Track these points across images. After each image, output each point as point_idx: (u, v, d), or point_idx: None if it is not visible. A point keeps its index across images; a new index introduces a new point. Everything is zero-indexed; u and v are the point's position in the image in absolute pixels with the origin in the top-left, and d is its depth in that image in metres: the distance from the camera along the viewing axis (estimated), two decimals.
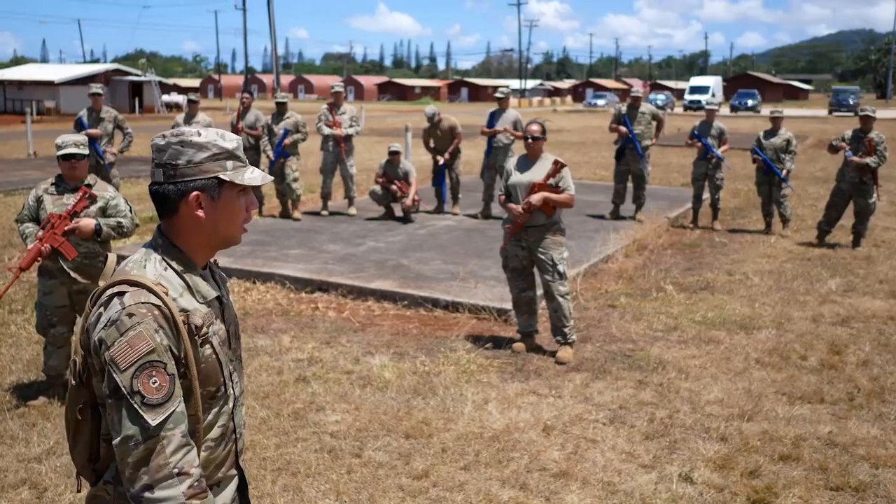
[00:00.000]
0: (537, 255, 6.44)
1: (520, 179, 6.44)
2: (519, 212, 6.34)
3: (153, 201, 2.00)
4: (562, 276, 6.42)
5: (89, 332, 1.91)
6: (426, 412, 5.31)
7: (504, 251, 6.63)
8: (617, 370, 6.20)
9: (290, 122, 11.82)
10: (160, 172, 1.98)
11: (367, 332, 7.09)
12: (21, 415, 5.17)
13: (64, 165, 5.23)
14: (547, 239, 6.40)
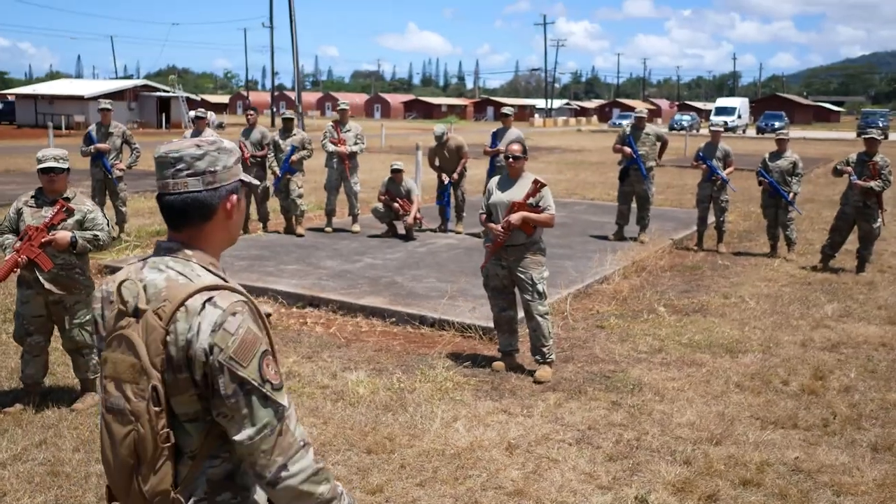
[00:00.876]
0: (517, 274, 6.47)
1: (500, 198, 6.48)
2: (498, 231, 6.37)
3: (178, 211, 1.99)
4: (541, 296, 6.44)
5: (188, 345, 1.88)
6: (393, 428, 5.35)
7: (485, 270, 6.67)
8: (593, 391, 6.20)
9: (296, 138, 11.96)
10: (198, 180, 2.00)
11: (351, 347, 7.14)
12: None
13: (43, 179, 5.35)
14: (527, 258, 6.42)
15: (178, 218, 2.02)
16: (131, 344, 1.91)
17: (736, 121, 63.46)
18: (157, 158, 2.01)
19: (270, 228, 12.46)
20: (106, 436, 1.96)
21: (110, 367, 1.96)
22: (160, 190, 2.02)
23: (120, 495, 2.00)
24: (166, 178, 2.00)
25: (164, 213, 2.03)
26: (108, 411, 1.96)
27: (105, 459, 2.00)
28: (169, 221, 2.04)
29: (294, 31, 32.78)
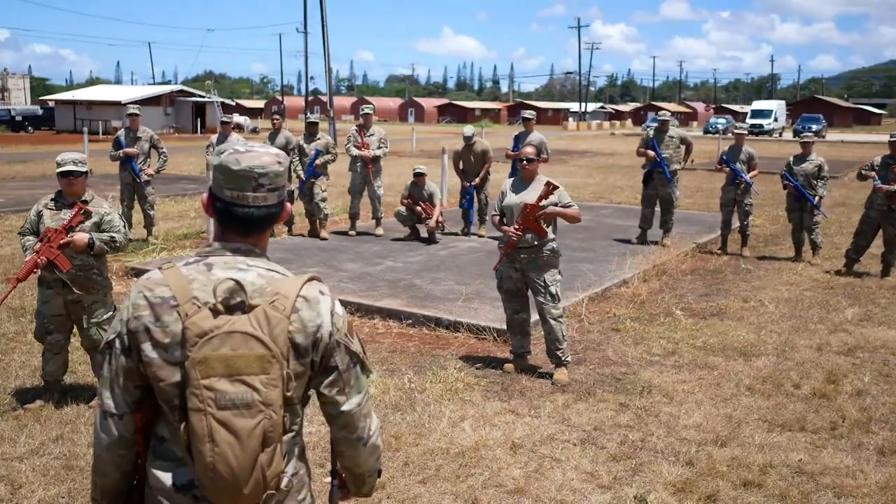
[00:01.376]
0: (530, 276, 6.53)
1: (513, 200, 6.55)
2: (511, 233, 6.44)
3: (255, 221, 2.09)
4: (554, 298, 6.49)
5: (315, 332, 2.06)
6: (400, 427, 5.44)
7: (498, 272, 6.74)
8: (602, 392, 6.25)
9: (321, 143, 12.12)
10: (275, 195, 2.12)
11: (366, 348, 7.23)
12: (16, 417, 5.45)
13: (63, 182, 5.52)
14: (540, 261, 6.48)
15: (251, 226, 2.11)
16: (253, 337, 1.96)
17: (772, 124, 62.84)
18: (237, 171, 2.06)
19: (295, 232, 12.63)
20: (224, 435, 1.93)
21: (218, 363, 1.95)
22: (237, 201, 2.07)
23: (235, 496, 1.97)
24: (247, 191, 2.07)
25: (239, 222, 2.09)
26: (222, 408, 1.93)
27: (209, 466, 1.94)
28: (240, 228, 2.11)
29: (326, 35, 33.11)
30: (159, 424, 2.07)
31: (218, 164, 2.10)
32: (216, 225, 2.15)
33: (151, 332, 2.01)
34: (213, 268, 2.06)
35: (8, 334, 7.36)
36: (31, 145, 39.30)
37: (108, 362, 2.09)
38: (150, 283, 2.06)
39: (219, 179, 2.10)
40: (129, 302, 2.08)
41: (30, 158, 29.16)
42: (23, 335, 7.32)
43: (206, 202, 2.16)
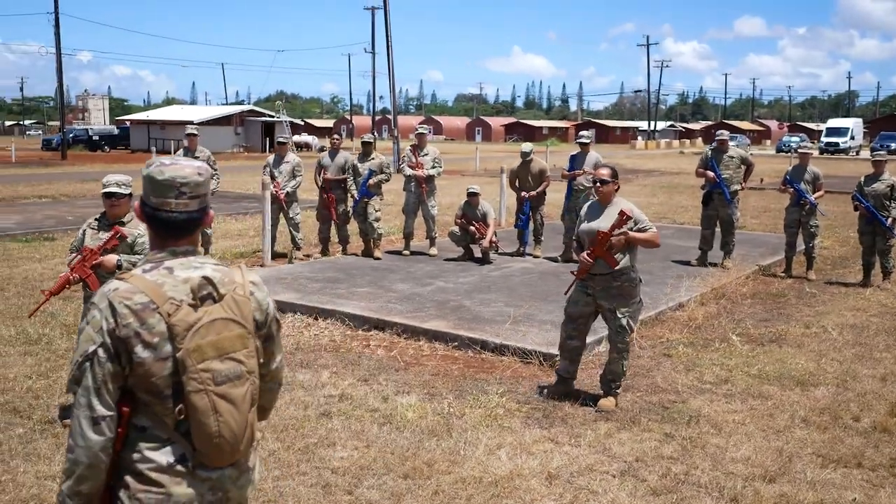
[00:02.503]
0: (601, 304, 6.35)
1: (588, 226, 6.36)
2: (583, 259, 6.27)
3: (181, 227, 2.41)
4: (623, 331, 6.27)
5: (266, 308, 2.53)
6: (434, 453, 5.32)
7: (571, 293, 6.57)
8: (647, 421, 6.03)
9: (374, 162, 12.13)
10: (196, 202, 2.44)
11: (409, 371, 7.15)
12: (55, 435, 5.49)
13: (106, 203, 5.59)
14: (613, 289, 6.27)
15: (178, 230, 2.42)
16: (231, 321, 2.37)
17: (849, 142, 61.12)
18: (161, 181, 2.39)
19: (349, 251, 12.64)
20: (225, 405, 2.32)
21: (209, 348, 2.31)
22: (161, 207, 2.39)
23: (235, 452, 2.38)
24: (169, 198, 2.40)
25: (165, 226, 2.41)
26: (220, 384, 2.32)
27: (214, 433, 2.31)
28: (172, 232, 2.42)
29: (390, 55, 33.35)
30: (137, 416, 2.31)
31: (146, 174, 2.42)
32: (150, 232, 2.43)
33: (141, 336, 2.26)
34: (173, 271, 2.36)
35: (58, 350, 7.48)
36: (106, 164, 40.47)
37: (91, 371, 2.26)
38: (124, 292, 2.29)
39: (147, 188, 2.41)
40: (103, 313, 2.28)
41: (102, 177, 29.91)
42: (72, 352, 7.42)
43: (137, 209, 2.45)
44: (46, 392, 6.35)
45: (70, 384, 2.32)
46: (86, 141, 57.87)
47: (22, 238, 14.21)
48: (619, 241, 6.16)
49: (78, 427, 2.27)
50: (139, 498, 2.30)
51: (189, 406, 2.28)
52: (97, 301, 2.31)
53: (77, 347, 2.31)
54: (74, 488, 2.29)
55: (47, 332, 8.05)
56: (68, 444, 2.29)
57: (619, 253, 6.22)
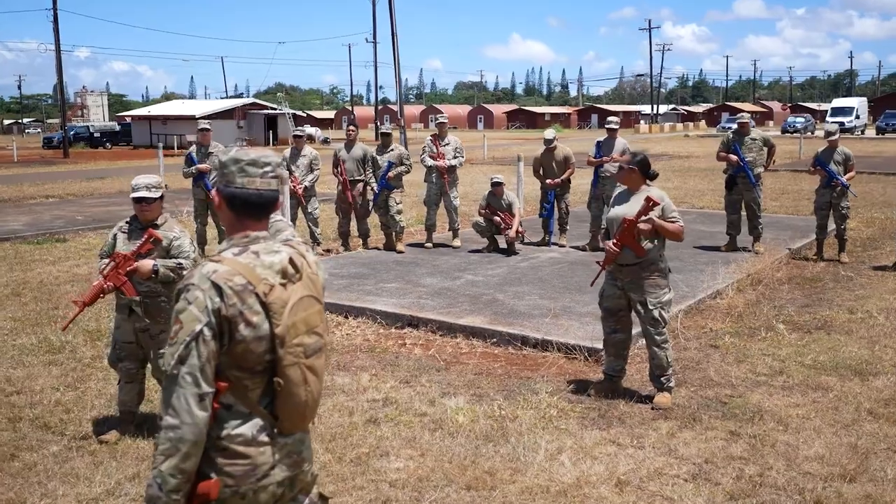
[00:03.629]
0: (631, 296, 6.07)
1: (615, 213, 6.09)
2: (609, 248, 5.99)
3: (265, 206, 2.55)
4: (656, 322, 6.00)
5: (324, 284, 2.67)
6: (494, 461, 5.05)
7: (602, 288, 6.29)
8: (709, 419, 5.76)
9: (394, 154, 11.82)
10: (277, 182, 2.60)
11: (451, 371, 6.88)
12: (91, 452, 5.21)
13: (136, 207, 5.31)
14: (642, 280, 6.00)
15: (268, 209, 2.56)
16: (313, 298, 2.53)
17: (854, 121, 60.70)
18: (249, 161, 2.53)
19: (370, 245, 12.35)
20: (311, 377, 2.49)
21: (301, 324, 2.46)
22: (253, 187, 2.51)
23: (312, 418, 2.58)
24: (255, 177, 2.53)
25: (260, 205, 2.53)
26: (308, 357, 2.47)
27: (303, 402, 2.49)
28: (261, 212, 2.54)
29: (396, 45, 32.96)
30: (223, 394, 2.39)
31: (229, 158, 2.53)
32: (231, 215, 2.52)
33: (244, 315, 2.37)
34: (259, 255, 2.46)
35: (84, 359, 7.20)
36: (109, 161, 40.17)
37: (197, 350, 2.33)
38: (225, 274, 2.38)
39: (230, 171, 2.52)
40: (206, 293, 2.36)
41: (107, 175, 29.70)
42: (99, 360, 7.15)
43: (217, 198, 2.53)
44: (76, 405, 6.07)
45: (175, 364, 2.33)
46: (87, 138, 57.49)
47: (33, 240, 13.92)
48: (645, 228, 5.89)
49: (185, 404, 2.31)
50: (228, 471, 2.39)
51: (284, 378, 2.42)
52: (197, 282, 2.37)
53: (180, 328, 2.34)
54: (179, 466, 2.31)
55: (70, 339, 7.77)
56: (168, 423, 2.30)
57: (646, 241, 5.94)
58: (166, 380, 2.36)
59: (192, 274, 2.42)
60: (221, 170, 2.54)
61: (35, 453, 5.21)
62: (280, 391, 2.44)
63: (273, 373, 2.43)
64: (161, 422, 2.34)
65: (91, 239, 14.05)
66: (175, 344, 2.35)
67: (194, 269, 2.44)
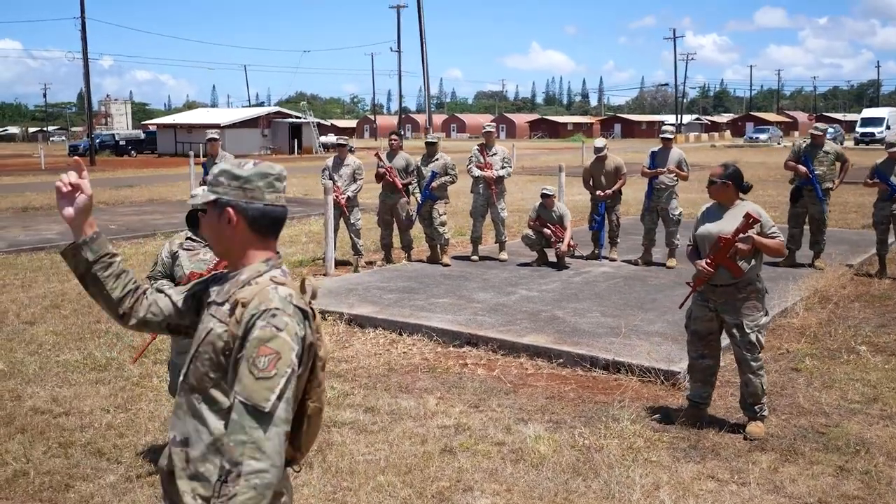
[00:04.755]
0: (725, 319, 5.64)
1: (707, 230, 5.66)
2: (702, 268, 5.56)
3: (282, 223, 2.35)
4: (752, 347, 5.57)
5: None
6: (587, 498, 4.64)
7: (689, 310, 5.86)
8: (810, 451, 5.32)
9: (438, 164, 11.45)
10: None
11: (520, 394, 6.48)
12: (151, 483, 4.85)
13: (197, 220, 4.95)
14: (738, 302, 5.57)
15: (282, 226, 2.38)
16: None
17: (884, 132, 59.85)
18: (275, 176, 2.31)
19: (414, 257, 11.97)
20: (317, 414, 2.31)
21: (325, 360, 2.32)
22: (278, 203, 2.31)
23: None
24: (279, 193, 2.32)
25: (281, 223, 2.34)
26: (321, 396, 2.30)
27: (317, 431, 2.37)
28: (279, 229, 2.35)
29: (424, 53, 32.64)
30: None
31: (254, 172, 2.29)
32: (252, 234, 2.27)
33: (315, 341, 2.22)
34: (287, 275, 2.29)
35: (131, 378, 6.86)
36: (136, 169, 40.08)
37: (291, 383, 2.09)
38: (298, 298, 2.20)
39: (256, 186, 2.28)
40: (294, 318, 2.14)
41: (136, 183, 29.52)
42: (147, 379, 6.81)
43: (233, 215, 2.25)
44: (129, 429, 5.71)
45: (274, 401, 2.05)
46: (112, 146, 57.56)
47: None
48: (745, 247, 5.46)
49: (278, 446, 2.05)
50: None
51: (320, 403, 2.28)
52: (282, 307, 2.13)
53: (276, 358, 2.07)
54: None
55: (115, 355, 7.45)
56: (252, 468, 2.00)
57: (742, 261, 5.52)
58: (250, 417, 2.04)
59: (264, 297, 2.14)
60: (241, 185, 2.27)
61: (91, 483, 4.86)
62: (312, 417, 2.28)
63: None
64: (238, 466, 2.01)
65: (126, 248, 13.76)
66: (273, 377, 2.06)
67: (261, 293, 2.16)
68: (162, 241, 14.64)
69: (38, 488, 4.79)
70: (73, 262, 2.40)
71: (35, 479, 4.90)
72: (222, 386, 2.19)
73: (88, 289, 2.44)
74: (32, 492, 4.75)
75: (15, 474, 4.97)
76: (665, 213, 11.16)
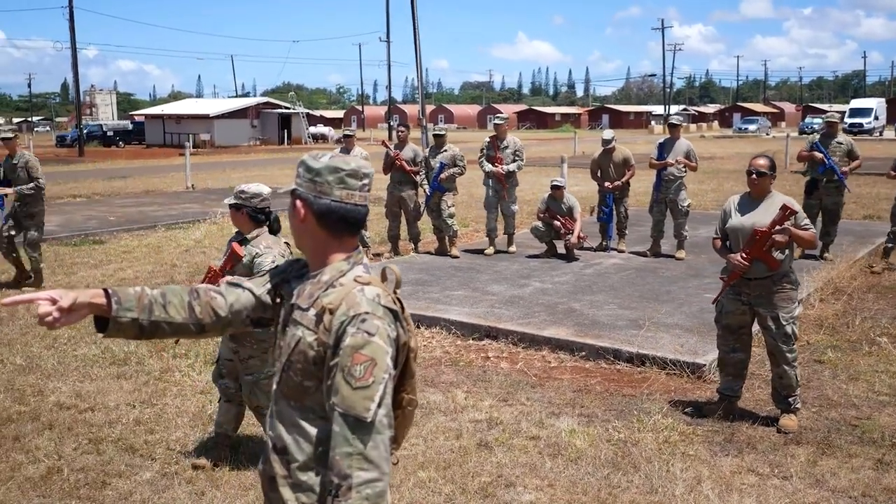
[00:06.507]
0: (760, 312, 5.62)
1: (741, 223, 5.62)
2: (738, 262, 5.53)
3: (361, 223, 2.26)
4: (788, 339, 5.56)
5: None
6: (631, 493, 4.62)
7: (719, 304, 5.83)
8: (846, 444, 5.32)
9: (447, 155, 11.38)
10: None
11: (546, 387, 6.45)
12: (188, 480, 4.79)
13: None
14: (774, 294, 5.55)
15: (363, 226, 2.33)
16: None
17: (872, 122, 60.23)
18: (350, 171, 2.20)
19: (422, 249, 11.91)
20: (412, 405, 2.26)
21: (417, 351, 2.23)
22: (352, 201, 2.20)
23: None
24: (355, 190, 2.21)
25: (358, 222, 2.24)
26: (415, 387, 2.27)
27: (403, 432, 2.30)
28: (357, 229, 2.26)
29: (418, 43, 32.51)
30: None
31: (326, 165, 2.19)
32: (324, 233, 2.19)
33: (408, 341, 2.16)
34: (369, 270, 2.22)
35: (153, 372, 6.78)
36: (126, 160, 39.75)
37: (388, 388, 2.04)
38: (388, 298, 2.13)
39: (326, 181, 2.18)
40: (384, 320, 2.06)
41: (128, 174, 29.28)
42: (169, 374, 6.74)
43: (301, 211, 2.18)
44: (158, 424, 5.65)
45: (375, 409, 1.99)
46: (100, 137, 57.09)
47: (69, 241, 13.52)
48: (781, 239, 5.44)
49: (384, 454, 2.00)
50: None
51: (414, 394, 2.23)
52: (371, 310, 2.05)
53: (373, 366, 2.00)
54: None
55: (133, 349, 7.36)
56: (362, 479, 1.95)
57: (778, 252, 5.50)
58: (353, 428, 1.98)
59: (351, 301, 2.06)
60: (312, 178, 2.19)
61: (127, 480, 4.79)
62: (407, 409, 2.23)
63: None
64: (347, 479, 1.96)
65: (128, 241, 13.62)
66: (371, 385, 2.00)
67: (347, 296, 2.08)
68: (164, 233, 14.52)
69: (74, 486, 4.72)
70: (123, 333, 2.24)
71: (69, 477, 4.83)
72: (317, 395, 2.13)
73: (156, 336, 2.30)
74: (68, 489, 4.68)
75: (49, 471, 4.90)
76: (674, 204, 11.13)
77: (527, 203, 17.52)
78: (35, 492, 4.67)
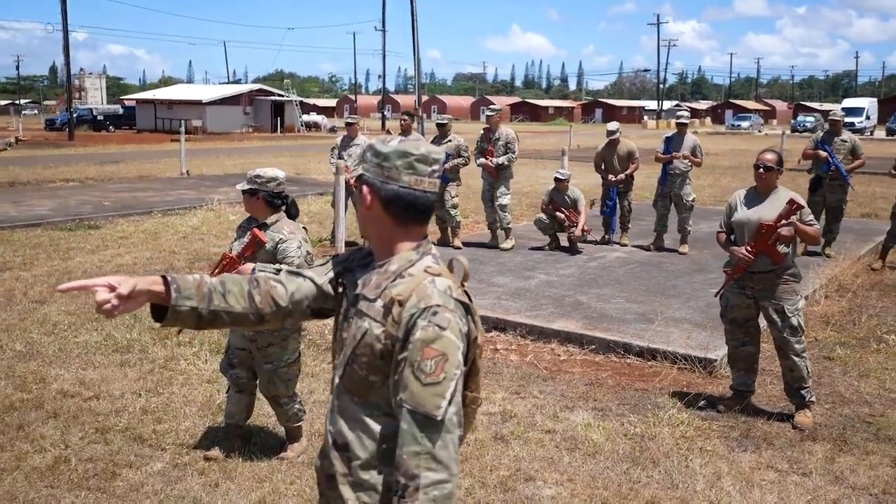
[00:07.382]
0: (764, 305, 5.58)
1: (746, 217, 5.59)
2: (742, 255, 5.48)
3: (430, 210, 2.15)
4: (796, 331, 5.53)
5: None
6: (652, 488, 4.56)
7: (724, 298, 5.79)
8: (862, 442, 5.28)
9: (451, 145, 11.26)
10: None
11: (558, 380, 6.38)
12: (201, 471, 4.69)
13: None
14: (778, 287, 5.52)
15: (431, 214, 2.20)
16: None
17: (864, 122, 60.38)
18: (420, 156, 2.08)
19: None
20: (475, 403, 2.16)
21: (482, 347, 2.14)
22: (421, 188, 2.09)
23: None
24: (424, 177, 2.10)
25: (427, 209, 2.14)
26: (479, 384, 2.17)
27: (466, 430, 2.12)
28: (426, 217, 2.15)
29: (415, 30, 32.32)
30: None
31: (395, 149, 2.08)
32: (392, 220, 2.09)
33: (476, 335, 2.07)
34: (438, 260, 2.13)
35: (157, 360, 6.67)
36: (117, 145, 39.44)
37: (459, 385, 1.96)
38: (459, 291, 2.05)
39: (394, 166, 2.07)
40: (456, 313, 1.98)
41: (120, 159, 29.01)
42: (174, 362, 6.63)
43: (367, 195, 2.09)
44: (166, 414, 5.54)
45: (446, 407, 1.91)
46: (90, 121, 56.60)
47: (64, 226, 13.35)
48: (788, 233, 5.40)
49: (453, 454, 1.92)
50: None
51: (478, 390, 2.14)
52: (443, 302, 1.96)
53: (444, 361, 1.91)
54: None
55: (135, 336, 7.26)
56: (431, 479, 1.87)
57: (782, 246, 5.47)
58: (422, 427, 1.90)
59: (422, 293, 1.97)
60: (380, 162, 2.08)
61: (138, 471, 4.69)
62: (470, 406, 2.12)
63: None
64: (415, 480, 1.88)
65: (124, 227, 13.46)
66: (442, 381, 1.91)
67: (417, 288, 2.00)
68: (161, 218, 14.38)
69: (83, 476, 4.62)
70: (181, 323, 2.14)
71: (77, 467, 4.73)
72: (383, 391, 2.03)
73: (214, 326, 2.21)
74: (77, 480, 4.58)
75: (56, 461, 4.79)
76: (678, 198, 11.08)
77: (525, 195, 17.49)
78: (43, 482, 4.56)
